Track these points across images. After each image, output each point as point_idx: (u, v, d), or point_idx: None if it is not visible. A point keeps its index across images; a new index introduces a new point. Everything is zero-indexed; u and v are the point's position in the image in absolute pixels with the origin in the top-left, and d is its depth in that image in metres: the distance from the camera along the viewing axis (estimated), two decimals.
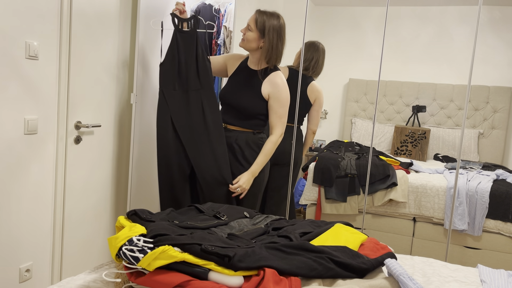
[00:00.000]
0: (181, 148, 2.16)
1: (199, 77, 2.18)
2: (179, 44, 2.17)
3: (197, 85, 2.18)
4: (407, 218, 3.08)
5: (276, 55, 2.11)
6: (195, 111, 2.17)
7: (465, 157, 4.18)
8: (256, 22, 2.08)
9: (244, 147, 2.16)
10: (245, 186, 2.11)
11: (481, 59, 4.32)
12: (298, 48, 3.08)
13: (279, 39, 2.10)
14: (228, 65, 2.28)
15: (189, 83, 2.17)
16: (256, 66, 2.18)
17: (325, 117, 4.93)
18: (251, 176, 2.12)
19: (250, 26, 2.10)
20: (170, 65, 2.17)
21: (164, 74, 2.17)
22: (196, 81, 2.18)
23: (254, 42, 2.10)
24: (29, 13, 1.86)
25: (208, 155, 2.14)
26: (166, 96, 2.16)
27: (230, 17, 2.79)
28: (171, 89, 2.17)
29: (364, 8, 4.70)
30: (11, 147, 1.86)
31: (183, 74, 2.18)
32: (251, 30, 2.09)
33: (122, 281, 1.32)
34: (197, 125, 2.15)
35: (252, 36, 2.09)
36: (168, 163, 2.15)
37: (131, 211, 1.50)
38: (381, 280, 1.29)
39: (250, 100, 2.14)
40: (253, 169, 2.13)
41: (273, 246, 1.36)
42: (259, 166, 2.14)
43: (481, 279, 1.63)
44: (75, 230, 2.26)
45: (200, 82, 2.18)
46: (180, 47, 2.17)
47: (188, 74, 2.18)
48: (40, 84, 1.96)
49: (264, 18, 2.07)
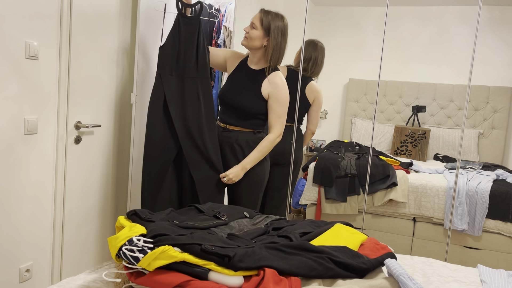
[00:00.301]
0: (170, 132, 2.15)
1: (198, 65, 2.17)
2: (181, 29, 2.14)
3: (194, 73, 2.17)
4: (407, 218, 3.08)
5: (279, 54, 2.13)
6: (189, 98, 2.16)
7: (465, 157, 4.18)
8: (261, 21, 2.10)
9: (245, 147, 2.16)
10: (232, 176, 2.11)
11: (481, 59, 4.32)
12: (297, 47, 3.08)
13: (283, 39, 2.12)
14: (227, 62, 2.29)
15: (186, 70, 2.16)
16: (256, 66, 2.19)
17: (325, 117, 4.93)
18: (240, 169, 2.12)
19: (254, 24, 2.10)
20: (170, 49, 2.14)
21: (163, 57, 2.14)
22: (194, 69, 2.17)
23: (258, 41, 2.11)
24: (29, 13, 1.86)
25: (199, 143, 2.14)
26: (163, 80, 2.14)
27: (230, 17, 2.79)
28: (167, 74, 2.14)
29: (364, 8, 4.70)
30: (11, 147, 1.86)
31: (181, 60, 2.16)
32: (256, 28, 2.10)
33: (122, 281, 1.32)
34: (191, 113, 2.15)
35: (257, 34, 2.10)
36: (154, 146, 2.14)
37: (131, 211, 1.50)
38: (381, 280, 1.29)
39: (250, 100, 2.14)
40: (244, 163, 2.12)
41: (273, 246, 1.36)
42: (251, 160, 2.13)
43: (481, 279, 1.63)
44: (75, 230, 2.26)
45: (197, 70, 2.18)
46: (182, 33, 2.14)
47: (186, 61, 2.16)
48: (40, 84, 1.96)
49: (269, 17, 2.10)
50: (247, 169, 2.13)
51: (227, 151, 2.18)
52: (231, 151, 2.17)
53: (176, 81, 2.16)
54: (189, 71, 2.16)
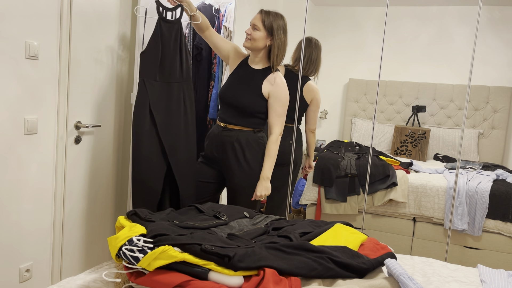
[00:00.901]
0: (157, 139, 2.11)
1: (182, 69, 2.16)
2: (163, 34, 2.11)
3: (180, 78, 2.16)
4: (407, 218, 3.08)
5: (282, 53, 2.17)
6: (175, 104, 2.14)
7: (465, 157, 4.18)
8: (263, 22, 2.12)
9: (245, 146, 2.17)
10: (263, 192, 2.16)
11: (481, 59, 4.32)
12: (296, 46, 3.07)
13: (285, 38, 2.16)
14: (230, 59, 2.30)
15: (171, 74, 2.14)
16: (257, 65, 2.20)
17: (325, 117, 4.93)
18: (264, 181, 2.16)
19: (256, 25, 2.12)
20: (153, 54, 2.10)
21: (145, 63, 2.10)
22: (180, 73, 2.16)
23: (262, 41, 2.13)
24: (29, 13, 1.86)
25: (183, 149, 2.17)
26: (147, 85, 2.10)
27: (230, 17, 2.80)
28: (151, 79, 2.11)
29: (364, 8, 4.70)
30: (11, 147, 1.86)
31: (166, 65, 2.13)
32: (258, 30, 2.12)
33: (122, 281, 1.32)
34: (176, 119, 2.14)
35: (260, 35, 2.12)
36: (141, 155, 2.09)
37: (131, 211, 1.51)
38: (381, 280, 1.29)
39: (251, 99, 2.15)
40: (264, 174, 2.16)
41: (273, 246, 1.36)
42: (269, 168, 2.17)
43: (481, 279, 1.63)
44: (75, 230, 2.26)
45: (182, 75, 2.17)
46: (164, 37, 2.11)
47: (171, 66, 2.13)
48: (40, 84, 1.96)
49: (270, 17, 2.12)
50: (269, 177, 2.18)
51: (227, 150, 2.19)
52: (232, 150, 2.18)
53: (161, 87, 2.12)
54: (175, 76, 2.14)
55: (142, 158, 2.09)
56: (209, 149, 2.25)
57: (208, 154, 2.26)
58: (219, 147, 2.21)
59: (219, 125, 2.24)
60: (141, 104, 2.08)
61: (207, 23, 2.26)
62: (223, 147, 2.20)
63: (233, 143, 2.17)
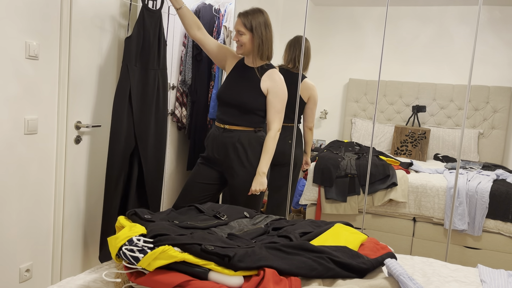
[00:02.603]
0: (131, 121, 2.23)
1: (159, 57, 2.28)
2: (145, 21, 2.20)
3: (157, 65, 2.28)
4: (407, 218, 3.08)
5: (267, 46, 2.16)
6: (151, 90, 2.26)
7: (465, 157, 4.18)
8: (244, 25, 2.13)
9: (247, 147, 2.17)
10: (257, 187, 2.15)
11: (481, 59, 4.32)
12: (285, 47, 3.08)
13: (268, 31, 2.16)
14: (227, 62, 2.30)
15: (149, 61, 2.25)
16: (253, 64, 2.21)
17: (325, 117, 4.93)
18: (259, 176, 2.16)
19: (240, 30, 2.14)
20: (135, 40, 2.19)
21: (129, 48, 2.18)
22: (157, 61, 2.28)
23: (250, 44, 2.15)
24: (29, 13, 1.86)
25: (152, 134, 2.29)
26: (130, 70, 2.18)
27: (230, 17, 2.80)
28: (133, 65, 2.20)
29: (364, 8, 4.70)
30: (11, 147, 1.86)
31: (145, 51, 2.23)
32: (243, 34, 2.13)
33: (122, 281, 1.32)
34: (149, 105, 2.26)
35: (246, 38, 2.14)
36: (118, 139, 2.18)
37: (131, 211, 1.50)
38: (381, 280, 1.29)
39: (250, 95, 2.16)
40: (260, 169, 2.16)
41: (273, 246, 1.36)
42: (266, 163, 2.18)
43: (481, 279, 1.63)
44: (75, 230, 2.26)
45: (159, 63, 2.29)
46: (146, 24, 2.21)
47: (150, 53, 2.24)
48: (40, 84, 1.96)
49: (249, 17, 2.13)
50: (265, 173, 2.17)
51: (229, 151, 2.18)
52: (234, 151, 2.17)
53: (139, 72, 2.23)
54: (153, 63, 2.26)
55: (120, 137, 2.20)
56: (209, 151, 2.25)
57: (209, 155, 2.26)
58: (221, 148, 2.20)
59: (219, 126, 2.24)
60: (123, 90, 2.18)
61: (198, 23, 2.25)
62: (225, 148, 2.19)
63: (235, 144, 2.17)
